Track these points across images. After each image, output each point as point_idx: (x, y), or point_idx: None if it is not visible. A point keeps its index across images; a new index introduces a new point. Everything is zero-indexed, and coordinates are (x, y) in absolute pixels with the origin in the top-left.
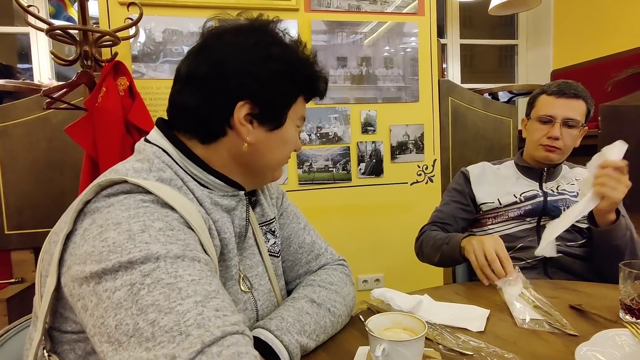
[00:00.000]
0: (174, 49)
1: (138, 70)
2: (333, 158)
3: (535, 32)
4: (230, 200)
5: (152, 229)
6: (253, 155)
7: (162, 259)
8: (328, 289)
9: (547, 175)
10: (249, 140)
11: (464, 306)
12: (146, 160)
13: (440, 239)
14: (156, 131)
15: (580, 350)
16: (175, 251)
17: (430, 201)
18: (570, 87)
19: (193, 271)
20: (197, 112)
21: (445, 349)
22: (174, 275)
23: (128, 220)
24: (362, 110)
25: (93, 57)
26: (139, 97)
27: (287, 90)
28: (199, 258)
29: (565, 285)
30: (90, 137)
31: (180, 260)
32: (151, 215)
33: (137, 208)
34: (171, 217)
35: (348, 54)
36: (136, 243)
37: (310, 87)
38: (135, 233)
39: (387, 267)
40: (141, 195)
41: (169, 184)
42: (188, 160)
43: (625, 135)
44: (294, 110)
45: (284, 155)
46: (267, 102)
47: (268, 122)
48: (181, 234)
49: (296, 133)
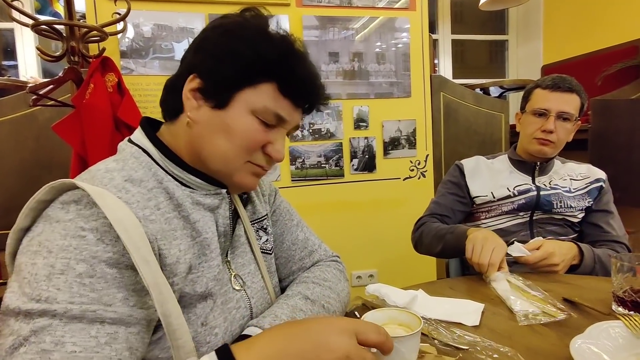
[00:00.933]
0: (164, 45)
1: (127, 67)
2: (326, 154)
3: (525, 27)
4: (212, 198)
5: (72, 272)
6: (198, 140)
7: (58, 318)
8: (322, 285)
9: (540, 169)
10: (190, 115)
11: (458, 301)
12: (122, 160)
13: (444, 228)
14: (139, 131)
15: (574, 343)
16: (74, 311)
17: (423, 196)
18: (565, 81)
19: (82, 340)
20: (166, 88)
21: (440, 344)
22: (56, 342)
23: (58, 252)
24: (354, 105)
25: (80, 53)
26: (128, 93)
27: (237, 67)
28: (102, 318)
29: (558, 278)
30: (79, 135)
31: (75, 323)
32: (79, 254)
33: (72, 238)
34: (99, 258)
35: (340, 50)
36: (49, 286)
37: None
38: (54, 273)
39: (380, 262)
40: (83, 221)
41: (138, 185)
42: (168, 160)
43: (615, 128)
44: (250, 95)
45: (229, 148)
46: (212, 75)
47: (211, 98)
48: (100, 283)
49: (254, 127)
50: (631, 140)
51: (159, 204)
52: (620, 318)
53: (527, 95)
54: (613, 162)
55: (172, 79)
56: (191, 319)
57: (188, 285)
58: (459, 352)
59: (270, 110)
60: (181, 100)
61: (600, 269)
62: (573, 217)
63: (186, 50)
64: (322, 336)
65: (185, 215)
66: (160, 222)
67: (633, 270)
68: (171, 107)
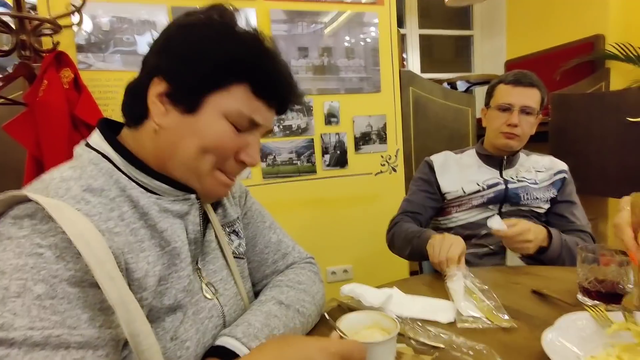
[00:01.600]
0: (125, 38)
1: (84, 61)
2: (297, 150)
3: (489, 23)
4: (181, 205)
5: (30, 294)
6: (166, 147)
7: (17, 346)
8: (296, 288)
9: (507, 162)
10: (158, 121)
11: (432, 299)
12: (79, 168)
13: (412, 232)
14: (97, 135)
15: (546, 338)
16: (35, 338)
17: (394, 191)
18: (526, 76)
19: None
20: (127, 92)
21: (417, 343)
22: None
23: (12, 273)
24: (325, 101)
25: (32, 47)
26: (86, 90)
27: (206, 69)
28: (67, 343)
29: (527, 270)
30: (32, 135)
31: (37, 351)
32: (37, 274)
33: (28, 256)
34: (59, 278)
35: (309, 44)
36: (4, 311)
37: (254, 78)
38: (9, 296)
39: (355, 257)
40: (39, 238)
41: (99, 195)
42: (131, 166)
43: (572, 121)
44: (222, 98)
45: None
46: (179, 78)
47: (180, 103)
48: (62, 304)
49: (226, 132)
50: (588, 132)
51: (123, 214)
52: (587, 309)
53: (490, 91)
54: (572, 153)
55: (134, 82)
56: (159, 333)
57: (156, 298)
58: (435, 351)
59: (244, 115)
60: (145, 105)
61: (567, 255)
62: (539, 208)
63: (148, 52)
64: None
65: (152, 225)
66: (125, 234)
67: (597, 260)
68: (134, 113)
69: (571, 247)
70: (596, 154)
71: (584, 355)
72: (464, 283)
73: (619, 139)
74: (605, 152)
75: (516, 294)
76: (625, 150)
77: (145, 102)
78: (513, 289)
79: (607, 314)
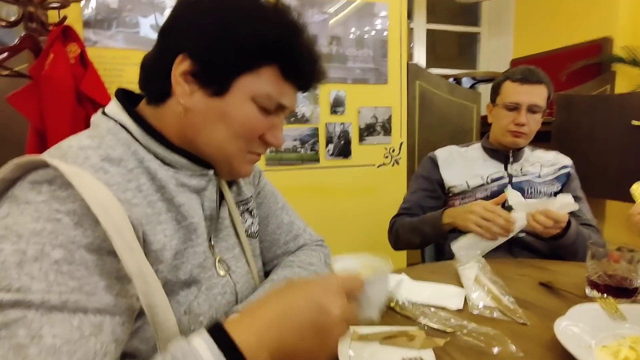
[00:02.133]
0: (128, 20)
1: (90, 38)
2: (301, 138)
3: (497, 20)
4: (199, 180)
5: (47, 259)
6: (193, 128)
7: (34, 309)
8: (307, 269)
9: (512, 157)
10: (183, 102)
11: (440, 285)
12: (97, 137)
13: (416, 221)
14: (115, 104)
15: (559, 325)
16: (53, 301)
17: (396, 184)
18: (533, 73)
19: (62, 331)
20: (147, 68)
21: (428, 327)
22: (32, 336)
23: (30, 237)
24: (331, 90)
25: (39, 20)
26: (92, 66)
27: (237, 51)
28: (85, 308)
29: (533, 263)
30: (36, 108)
31: (55, 313)
32: (55, 239)
33: (46, 221)
34: (77, 244)
35: (318, 31)
36: (21, 275)
37: (285, 59)
38: (27, 260)
39: (353, 247)
40: (58, 203)
41: (117, 165)
42: (150, 137)
43: (576, 122)
44: (251, 81)
45: (228, 137)
46: (208, 59)
47: (207, 85)
48: (80, 270)
49: (254, 115)
50: (591, 134)
51: (141, 186)
52: (597, 300)
53: (497, 88)
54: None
55: (153, 58)
56: (174, 307)
57: (171, 272)
58: (446, 335)
59: (273, 99)
60: (168, 83)
61: (580, 244)
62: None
63: (167, 24)
64: (318, 299)
65: (169, 198)
66: (143, 205)
67: (607, 255)
68: (156, 90)
69: (586, 237)
70: (598, 156)
71: (596, 345)
72: (476, 272)
73: (622, 142)
74: (607, 155)
75: (524, 285)
76: (627, 153)
77: (166, 79)
78: (520, 280)
79: (618, 306)
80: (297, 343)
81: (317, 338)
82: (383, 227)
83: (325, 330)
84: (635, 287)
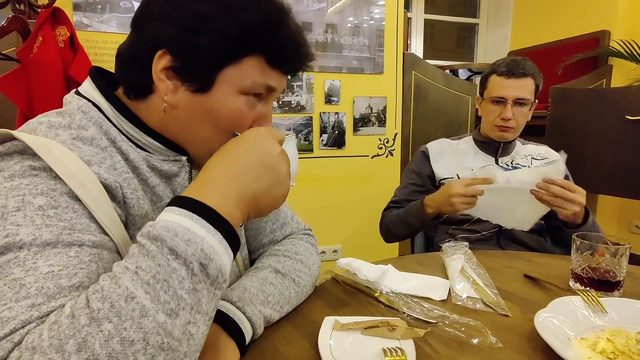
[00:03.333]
0: (122, 4)
1: (81, 21)
2: (295, 128)
3: (495, 12)
4: (171, 165)
5: (30, 206)
6: (177, 124)
7: (26, 248)
8: (293, 258)
9: (503, 150)
10: (167, 100)
11: (426, 276)
12: (68, 115)
13: (401, 213)
14: (89, 83)
15: (539, 317)
16: (46, 237)
17: (389, 175)
18: (518, 66)
19: (60, 260)
20: (123, 59)
21: (411, 318)
22: (28, 268)
23: (7, 193)
24: (326, 79)
25: (27, 1)
26: (82, 50)
27: (219, 43)
28: (81, 241)
29: (519, 255)
30: (25, 92)
31: (49, 249)
32: (34, 189)
33: (22, 177)
34: (59, 191)
35: (313, 20)
36: (6, 225)
37: (269, 48)
38: (9, 212)
39: (345, 238)
40: (31, 161)
41: (89, 144)
42: (123, 117)
43: (571, 116)
44: (236, 73)
45: (214, 133)
46: (188, 53)
47: (190, 81)
48: (67, 213)
49: (242, 110)
50: (586, 128)
51: (115, 164)
52: (579, 293)
53: (484, 82)
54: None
55: (129, 49)
56: None
57: None
58: (428, 326)
59: (260, 84)
60: (149, 78)
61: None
62: None
63: (140, 13)
64: (258, 145)
65: (143, 179)
66: (120, 180)
67: (592, 248)
68: (136, 84)
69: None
70: (592, 150)
71: (575, 337)
72: (462, 264)
73: (616, 137)
74: (601, 149)
75: (509, 277)
76: (621, 148)
77: (144, 71)
78: (505, 272)
79: (599, 299)
80: (256, 186)
81: (270, 175)
82: (375, 217)
83: (274, 167)
84: (618, 280)
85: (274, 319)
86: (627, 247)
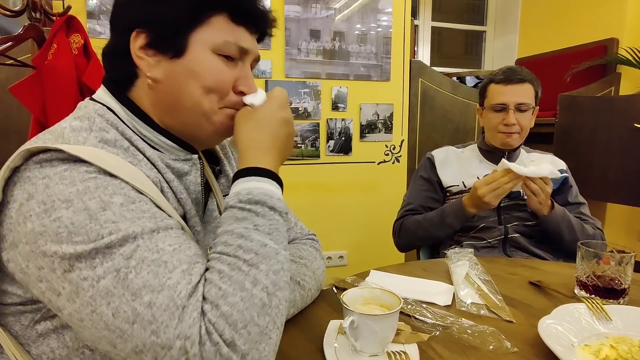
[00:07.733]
0: None
1: (94, 29)
2: (302, 134)
3: (503, 19)
4: (182, 164)
5: (113, 205)
6: (167, 97)
7: (140, 237)
8: (297, 262)
9: (507, 158)
10: (150, 74)
11: (431, 281)
12: (86, 118)
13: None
14: (102, 89)
15: (542, 323)
16: (148, 225)
17: (396, 181)
18: (515, 72)
19: (172, 240)
20: (107, 56)
21: (417, 322)
22: (156, 250)
23: (79, 197)
24: (333, 86)
25: (42, 10)
26: (95, 57)
27: (182, 5)
28: (170, 225)
29: (524, 262)
30: (39, 99)
31: (156, 234)
32: (105, 190)
33: (83, 181)
34: (127, 189)
35: (321, 27)
36: (102, 223)
37: (230, 5)
38: (95, 212)
39: (351, 244)
40: (84, 166)
41: (113, 145)
42: (136, 119)
43: (579, 124)
44: (205, 34)
45: (201, 93)
46: (157, 25)
47: (166, 50)
48: (144, 205)
49: (220, 66)
50: (594, 136)
51: (140, 162)
52: (584, 301)
53: (483, 92)
54: (575, 155)
55: (109, 45)
56: None
57: None
58: (435, 330)
59: (231, 44)
60: (131, 63)
61: (567, 229)
62: None
63: (112, 11)
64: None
65: (162, 174)
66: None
67: (597, 256)
68: (122, 75)
69: (574, 225)
70: (599, 158)
71: (579, 344)
72: (466, 270)
73: (624, 145)
74: (609, 157)
75: (513, 284)
76: (629, 156)
77: (129, 60)
78: (511, 279)
79: (604, 307)
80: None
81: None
82: (382, 224)
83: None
84: (623, 288)
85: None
86: (632, 255)
